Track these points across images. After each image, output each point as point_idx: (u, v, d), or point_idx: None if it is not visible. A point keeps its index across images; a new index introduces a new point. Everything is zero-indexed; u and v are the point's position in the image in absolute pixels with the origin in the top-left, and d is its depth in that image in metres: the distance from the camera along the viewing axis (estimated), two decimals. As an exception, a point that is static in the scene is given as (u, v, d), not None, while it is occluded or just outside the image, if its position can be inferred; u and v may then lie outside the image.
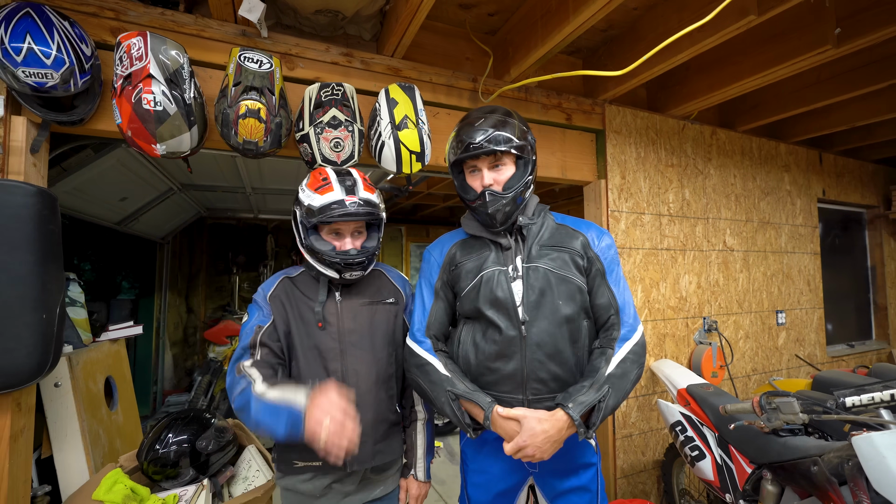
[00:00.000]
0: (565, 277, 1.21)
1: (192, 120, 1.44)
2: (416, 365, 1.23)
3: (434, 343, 1.25)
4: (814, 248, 3.44)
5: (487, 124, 1.21)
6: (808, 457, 1.39)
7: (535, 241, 1.26)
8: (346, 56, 1.91)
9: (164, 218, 4.20)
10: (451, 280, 1.31)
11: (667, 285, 2.66)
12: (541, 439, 1.04)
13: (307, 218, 1.24)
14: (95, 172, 2.48)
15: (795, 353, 3.23)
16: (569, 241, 1.26)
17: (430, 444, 1.38)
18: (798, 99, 2.71)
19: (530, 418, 1.06)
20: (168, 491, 1.75)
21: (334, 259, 1.22)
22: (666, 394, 2.58)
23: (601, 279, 1.24)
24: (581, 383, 1.12)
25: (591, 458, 1.26)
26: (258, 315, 1.26)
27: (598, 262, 1.25)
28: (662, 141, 2.72)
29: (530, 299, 1.18)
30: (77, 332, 2.08)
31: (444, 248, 1.35)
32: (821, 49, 1.97)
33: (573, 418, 1.04)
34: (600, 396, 1.08)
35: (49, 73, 1.26)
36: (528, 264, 1.22)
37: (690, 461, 1.92)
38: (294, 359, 1.24)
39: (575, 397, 1.07)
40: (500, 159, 1.22)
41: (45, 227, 1.35)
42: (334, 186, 1.25)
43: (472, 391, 1.15)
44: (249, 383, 1.11)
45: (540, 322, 1.17)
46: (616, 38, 2.30)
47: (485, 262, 1.25)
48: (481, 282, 1.22)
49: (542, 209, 1.33)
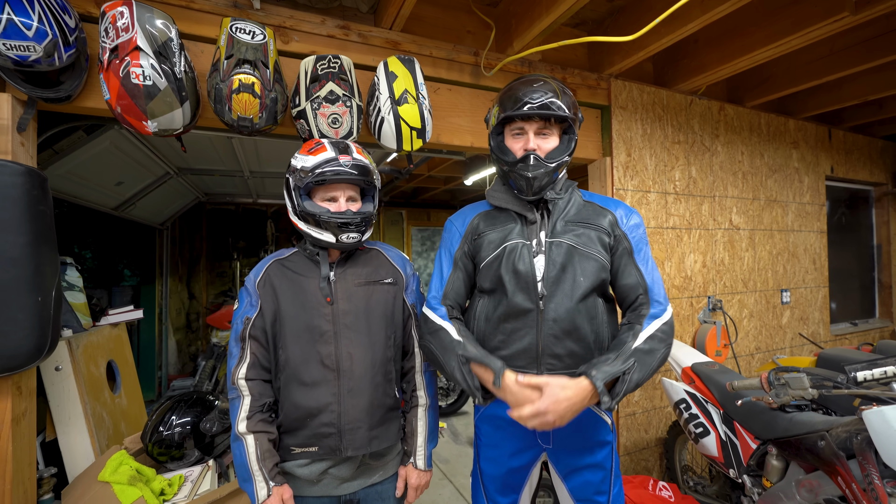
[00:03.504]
0: (588, 254, 1.17)
1: (184, 95, 1.39)
2: (429, 331, 1.21)
3: (449, 311, 1.23)
4: (820, 226, 3.40)
5: (547, 88, 1.16)
6: (815, 431, 1.39)
7: (560, 216, 1.23)
8: (343, 29, 1.84)
9: (162, 203, 4.16)
10: (473, 250, 1.28)
11: (672, 264, 2.63)
12: (564, 406, 1.00)
13: (300, 179, 1.19)
14: (89, 155, 2.43)
15: (799, 331, 3.22)
16: (596, 218, 1.23)
17: (432, 431, 1.34)
18: (810, 72, 2.62)
19: (553, 385, 1.02)
20: (173, 472, 1.76)
21: (330, 220, 1.17)
22: (670, 372, 2.57)
23: (628, 258, 1.21)
24: (606, 355, 1.10)
25: (606, 436, 1.25)
26: (247, 303, 1.23)
27: (626, 241, 1.22)
28: (669, 117, 2.65)
29: (550, 274, 1.16)
30: (76, 317, 2.07)
31: (468, 218, 1.32)
32: (838, 16, 1.89)
33: (597, 387, 1.01)
34: (625, 368, 1.05)
35: (31, 45, 1.21)
36: (552, 239, 1.19)
37: (694, 438, 1.92)
38: (282, 345, 1.20)
39: (600, 366, 1.05)
40: (548, 127, 1.18)
41: (35, 208, 1.31)
42: (327, 147, 1.22)
43: (484, 355, 1.13)
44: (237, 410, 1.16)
45: (558, 297, 1.15)
46: (623, 9, 2.22)
47: (509, 233, 1.22)
48: (504, 252, 1.20)
49: (570, 185, 1.29)
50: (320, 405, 1.17)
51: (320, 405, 1.17)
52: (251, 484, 1.12)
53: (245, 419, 1.15)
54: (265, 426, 1.16)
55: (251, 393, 1.17)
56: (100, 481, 1.56)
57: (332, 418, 1.17)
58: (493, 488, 1.30)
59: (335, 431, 1.17)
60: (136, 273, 4.63)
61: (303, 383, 1.18)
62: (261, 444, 1.14)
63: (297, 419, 1.18)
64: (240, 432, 1.14)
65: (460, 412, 4.21)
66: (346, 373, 1.19)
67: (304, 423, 1.18)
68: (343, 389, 1.18)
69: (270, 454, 1.15)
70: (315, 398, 1.17)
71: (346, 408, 1.18)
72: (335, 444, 1.17)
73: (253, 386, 1.18)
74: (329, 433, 1.17)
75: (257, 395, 1.18)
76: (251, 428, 1.14)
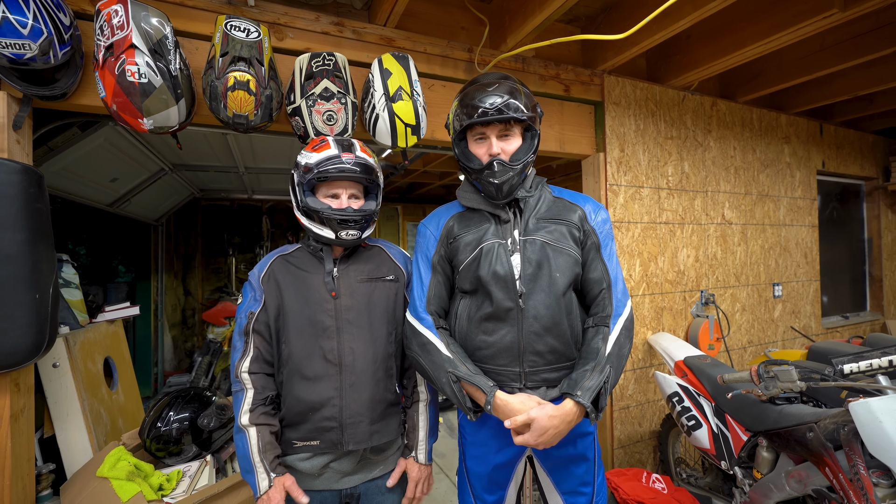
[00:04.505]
0: (562, 249, 1.19)
1: (179, 93, 1.39)
2: (418, 344, 1.22)
3: (435, 320, 1.24)
4: (812, 220, 3.44)
5: (503, 90, 1.16)
6: (804, 423, 1.42)
7: (532, 214, 1.24)
8: (337, 25, 1.84)
9: (157, 199, 4.14)
10: (449, 253, 1.28)
11: (665, 259, 2.65)
12: (550, 434, 1.06)
13: (304, 176, 1.22)
14: (83, 152, 2.43)
15: (791, 325, 3.26)
16: (566, 213, 1.25)
17: (432, 426, 1.36)
18: (801, 67, 2.65)
19: (541, 418, 1.05)
20: (172, 467, 1.78)
21: (331, 216, 1.20)
22: (663, 366, 2.61)
23: (595, 253, 1.24)
24: (583, 368, 1.11)
25: (587, 427, 1.27)
26: (251, 297, 1.25)
27: (594, 236, 1.24)
28: (662, 113, 2.67)
29: (527, 272, 1.17)
30: (73, 314, 2.07)
31: (441, 221, 1.33)
32: (827, 13, 1.91)
33: (585, 406, 1.05)
34: (604, 378, 1.08)
35: (26, 43, 1.21)
36: (525, 237, 1.21)
37: (687, 430, 1.95)
38: (285, 340, 1.21)
39: (581, 384, 1.07)
40: (510, 129, 1.19)
41: (32, 206, 1.32)
42: (331, 144, 1.25)
43: (474, 374, 1.14)
44: (240, 403, 1.18)
45: (537, 295, 1.16)
46: (616, 6, 2.23)
47: (484, 234, 1.23)
48: (481, 254, 1.21)
49: (540, 182, 1.30)
50: (322, 399, 1.19)
51: (322, 399, 1.19)
52: (253, 475, 1.14)
53: (248, 412, 1.17)
54: (267, 419, 1.18)
55: (254, 386, 1.19)
56: (98, 477, 1.57)
57: (333, 412, 1.19)
58: (480, 486, 1.30)
59: (337, 425, 1.19)
60: (131, 269, 4.61)
61: (305, 377, 1.19)
62: (262, 436, 1.16)
63: (299, 413, 1.19)
64: (242, 424, 1.16)
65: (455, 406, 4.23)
66: (347, 367, 1.21)
67: (306, 417, 1.19)
68: (345, 384, 1.20)
69: (272, 446, 1.17)
70: (317, 392, 1.19)
71: (347, 402, 1.20)
72: (337, 438, 1.19)
73: (256, 379, 1.20)
74: (331, 427, 1.19)
75: (260, 388, 1.19)
76: (253, 420, 1.16)
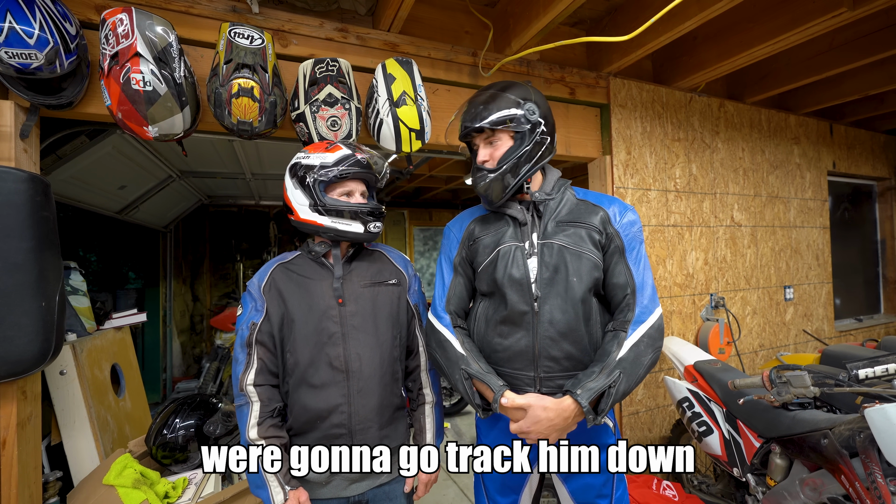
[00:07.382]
0: (580, 254, 1.17)
1: (184, 100, 1.40)
2: (436, 340, 1.23)
3: (453, 318, 1.25)
4: (823, 221, 3.38)
5: (479, 101, 1.21)
6: (818, 430, 1.38)
7: (552, 217, 1.22)
8: (341, 31, 1.84)
9: (165, 206, 4.18)
10: (470, 255, 1.30)
11: (673, 262, 2.62)
12: (544, 426, 1.05)
13: (325, 175, 1.22)
14: (91, 160, 2.45)
15: (803, 328, 3.20)
16: (587, 216, 1.22)
17: (439, 427, 1.36)
18: (810, 67, 2.61)
19: (535, 406, 1.05)
20: (178, 475, 1.77)
21: (362, 210, 1.24)
22: (673, 371, 2.57)
23: (619, 257, 1.19)
24: (591, 368, 1.10)
25: (608, 439, 1.24)
26: (251, 308, 1.24)
27: (618, 239, 1.20)
28: (669, 114, 2.65)
29: (544, 276, 1.16)
30: (80, 321, 2.08)
31: (464, 224, 1.34)
32: (836, 12, 1.88)
33: (581, 405, 1.03)
34: (610, 382, 1.05)
35: (33, 53, 1.22)
36: (543, 241, 1.19)
37: (698, 437, 1.92)
38: (290, 349, 1.20)
39: (584, 383, 1.05)
40: (494, 135, 1.19)
41: (39, 214, 1.33)
42: (342, 146, 1.29)
43: (486, 372, 1.13)
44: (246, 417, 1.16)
45: (553, 299, 1.15)
46: (620, 8, 2.21)
47: (502, 237, 1.23)
48: (498, 256, 1.21)
49: (563, 184, 1.28)
50: (330, 406, 1.18)
51: (330, 406, 1.18)
52: (266, 490, 1.12)
53: (256, 425, 1.15)
54: (276, 431, 1.17)
55: (260, 398, 1.18)
56: (104, 485, 1.57)
57: (342, 419, 1.18)
58: (493, 488, 1.30)
59: (346, 432, 1.18)
60: (140, 276, 4.65)
61: (312, 386, 1.18)
62: (273, 450, 1.14)
63: (307, 422, 1.19)
64: (251, 439, 1.14)
65: (464, 412, 4.21)
66: (355, 374, 1.20)
67: (315, 426, 1.18)
68: (353, 390, 1.19)
69: (284, 460, 1.16)
70: (325, 400, 1.18)
71: (356, 408, 1.19)
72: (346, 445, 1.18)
73: (262, 391, 1.19)
74: (340, 434, 1.18)
75: (266, 400, 1.18)
76: (262, 434, 1.15)
